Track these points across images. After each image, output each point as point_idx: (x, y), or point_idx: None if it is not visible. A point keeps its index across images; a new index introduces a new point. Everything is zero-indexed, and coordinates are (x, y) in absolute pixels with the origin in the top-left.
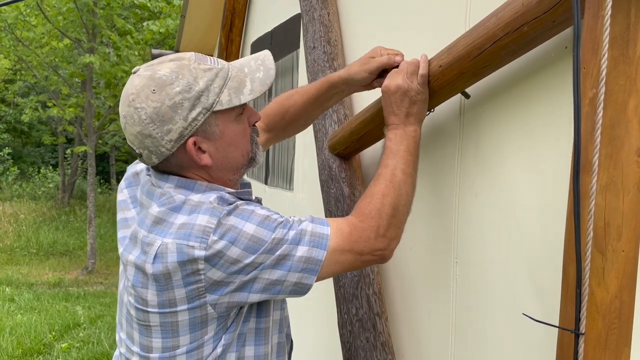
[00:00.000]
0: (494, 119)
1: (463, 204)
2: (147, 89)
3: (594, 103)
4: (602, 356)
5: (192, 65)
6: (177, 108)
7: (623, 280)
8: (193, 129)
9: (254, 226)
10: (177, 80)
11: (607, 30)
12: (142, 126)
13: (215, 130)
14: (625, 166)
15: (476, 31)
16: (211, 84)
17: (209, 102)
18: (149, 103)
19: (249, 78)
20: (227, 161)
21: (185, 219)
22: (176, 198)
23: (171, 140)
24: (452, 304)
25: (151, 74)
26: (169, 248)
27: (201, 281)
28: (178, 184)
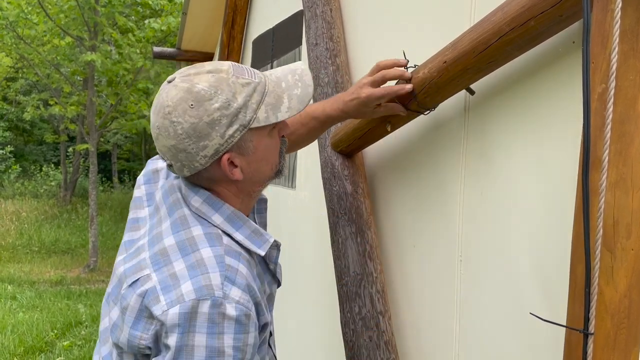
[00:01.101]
0: (500, 116)
1: (468, 202)
2: (185, 103)
3: (603, 98)
4: (610, 356)
5: (230, 79)
6: (215, 125)
7: (632, 279)
8: (229, 145)
9: (203, 343)
10: (216, 96)
11: (617, 24)
12: (177, 140)
13: (249, 145)
14: (635, 163)
15: (482, 26)
16: (249, 99)
17: (247, 119)
18: (186, 118)
19: (286, 94)
20: (257, 175)
21: (181, 270)
22: (191, 239)
23: (206, 156)
24: (456, 302)
25: (189, 87)
26: (147, 285)
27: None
28: (207, 200)
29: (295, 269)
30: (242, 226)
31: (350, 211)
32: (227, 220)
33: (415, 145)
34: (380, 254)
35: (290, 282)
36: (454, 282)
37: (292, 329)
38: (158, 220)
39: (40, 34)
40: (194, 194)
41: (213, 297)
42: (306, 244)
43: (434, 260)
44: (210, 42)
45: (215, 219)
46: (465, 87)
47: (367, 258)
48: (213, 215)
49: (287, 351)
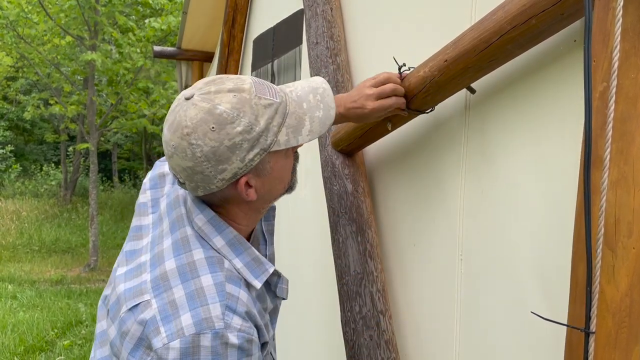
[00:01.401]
0: (501, 115)
1: (469, 201)
2: (206, 125)
3: (604, 97)
4: (612, 355)
5: (253, 100)
6: (236, 149)
7: (634, 278)
8: (248, 169)
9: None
10: (239, 119)
11: (619, 22)
12: (195, 163)
13: (267, 167)
14: (636, 161)
15: (483, 24)
16: (271, 122)
17: (267, 142)
18: (206, 141)
19: (308, 116)
20: (270, 194)
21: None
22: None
23: (224, 179)
24: (457, 301)
25: (210, 108)
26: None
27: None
28: (211, 220)
29: (296, 268)
30: (243, 252)
31: (350, 210)
32: (228, 244)
33: (415, 144)
34: (380, 253)
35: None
36: (455, 281)
37: (292, 328)
38: (160, 234)
39: (41, 34)
40: (199, 212)
41: (214, 330)
42: (307, 243)
43: (434, 259)
44: (211, 42)
45: (216, 242)
46: (466, 86)
47: (368, 257)
48: (215, 238)
49: (287, 351)
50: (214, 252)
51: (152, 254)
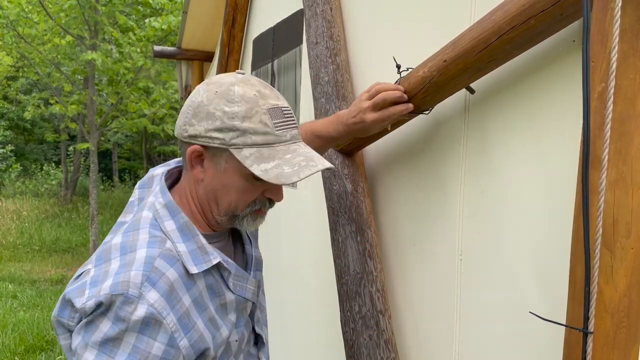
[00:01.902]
0: (500, 115)
1: (468, 200)
2: (216, 87)
3: (603, 97)
4: (610, 355)
5: (258, 109)
6: (209, 118)
7: (632, 278)
8: (203, 142)
9: (101, 337)
10: (233, 104)
11: (617, 23)
12: (189, 102)
13: (221, 162)
14: (635, 162)
15: (482, 25)
16: (251, 134)
17: (233, 141)
18: (203, 95)
19: (276, 162)
20: (213, 193)
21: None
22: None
23: (186, 131)
24: (456, 301)
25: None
26: (81, 278)
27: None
28: (168, 204)
29: (296, 268)
30: (190, 239)
31: (350, 210)
32: (178, 229)
33: (415, 144)
34: (380, 253)
35: (291, 281)
36: (454, 281)
37: (292, 328)
38: (125, 214)
39: (41, 33)
40: (161, 195)
41: (126, 294)
42: (307, 243)
43: (434, 259)
44: (211, 41)
45: (167, 225)
46: (465, 86)
47: (367, 257)
48: (167, 222)
49: (287, 350)
50: (161, 234)
51: (114, 231)
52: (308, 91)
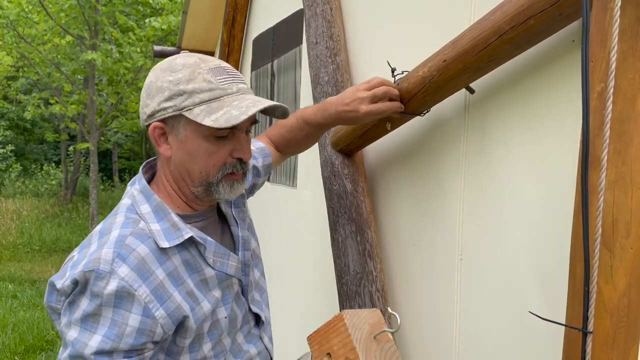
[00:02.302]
0: (500, 115)
1: (468, 200)
2: (163, 66)
3: (602, 97)
4: (610, 355)
5: (199, 70)
6: (159, 92)
7: (631, 278)
8: (160, 116)
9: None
10: (176, 73)
11: (617, 23)
12: (144, 86)
13: (181, 131)
14: (634, 162)
15: (481, 25)
16: (198, 93)
17: (183, 104)
18: (152, 75)
19: (226, 109)
20: (183, 166)
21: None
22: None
23: (145, 113)
24: (456, 301)
25: (175, 57)
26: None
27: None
28: (142, 189)
29: (296, 267)
30: (164, 218)
31: (350, 210)
32: (153, 211)
33: (415, 144)
34: (380, 253)
35: (291, 280)
36: (454, 281)
37: (292, 328)
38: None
39: (41, 33)
40: (137, 182)
41: (98, 270)
42: (307, 242)
43: (434, 259)
44: (211, 41)
45: (142, 209)
46: (465, 86)
47: (367, 257)
48: (142, 205)
49: (287, 349)
50: (135, 216)
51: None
52: (308, 91)
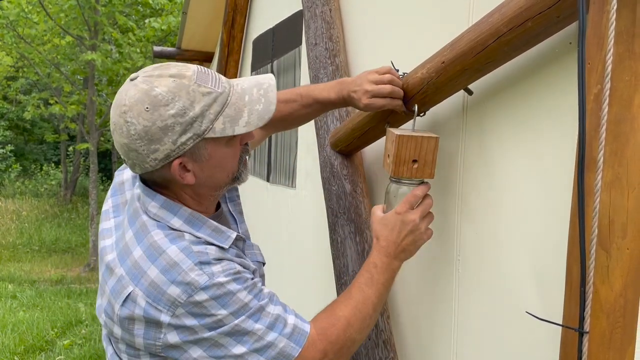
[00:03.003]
0: (497, 116)
1: (466, 201)
2: (141, 105)
3: (598, 99)
4: (606, 355)
5: (191, 87)
6: (168, 131)
7: (628, 279)
8: (181, 152)
9: (227, 313)
10: (173, 102)
11: (613, 26)
12: (130, 140)
13: (203, 153)
14: (630, 163)
15: (479, 27)
16: (207, 109)
17: (202, 128)
18: (140, 120)
19: (247, 109)
20: (210, 180)
21: (157, 276)
22: (154, 243)
23: (156, 159)
24: (454, 301)
25: (147, 90)
26: (138, 301)
27: (159, 340)
28: (164, 205)
29: (295, 268)
30: (202, 226)
31: (349, 210)
32: (185, 222)
33: None
34: None
35: (290, 280)
36: (452, 282)
37: None
38: (122, 232)
39: (41, 33)
40: (151, 199)
41: (201, 286)
42: (306, 243)
43: (432, 260)
44: (211, 42)
45: (174, 223)
46: (463, 87)
47: (366, 257)
48: (172, 220)
49: None
50: (173, 231)
51: (118, 250)
52: None
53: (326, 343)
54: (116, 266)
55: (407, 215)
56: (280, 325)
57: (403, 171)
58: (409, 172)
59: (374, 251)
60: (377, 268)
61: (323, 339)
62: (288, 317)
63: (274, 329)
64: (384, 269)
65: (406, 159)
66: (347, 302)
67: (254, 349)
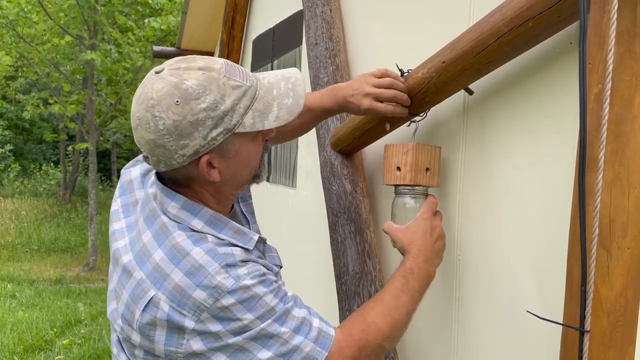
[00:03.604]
0: (498, 116)
1: (467, 201)
2: (170, 99)
3: (599, 99)
4: (606, 354)
5: (221, 80)
6: (199, 125)
7: (628, 278)
8: (210, 147)
9: (253, 317)
10: (204, 96)
11: (614, 25)
12: (157, 135)
13: (231, 149)
14: (631, 163)
15: (480, 27)
16: (237, 103)
17: (232, 123)
18: (169, 114)
19: (276, 103)
20: (234, 178)
21: (181, 279)
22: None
23: (184, 155)
24: (455, 301)
25: (177, 82)
26: (162, 306)
27: (182, 347)
28: (184, 206)
29: (295, 267)
30: (224, 228)
31: (349, 210)
32: (207, 224)
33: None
34: (379, 253)
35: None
36: (453, 281)
37: None
38: (137, 232)
39: (40, 33)
40: (170, 200)
41: (228, 290)
42: (306, 243)
43: None
44: (210, 42)
45: (195, 224)
46: (464, 87)
47: (366, 257)
48: (192, 221)
49: None
50: (195, 232)
51: (135, 252)
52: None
53: (355, 349)
54: (134, 269)
55: (434, 221)
56: (306, 328)
57: (420, 179)
58: (424, 180)
59: (409, 257)
60: (414, 274)
61: (352, 345)
62: (313, 320)
63: (299, 333)
64: (421, 276)
65: (421, 167)
66: (379, 308)
67: (279, 353)
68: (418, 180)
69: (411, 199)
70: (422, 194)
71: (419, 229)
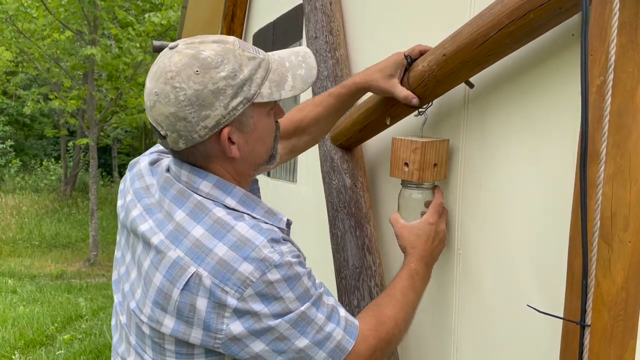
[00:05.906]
0: (499, 109)
1: (467, 195)
2: (190, 69)
3: (601, 91)
4: (607, 348)
5: (237, 51)
6: (220, 94)
7: (629, 272)
8: (231, 118)
9: (294, 297)
10: (223, 65)
11: (616, 16)
12: (178, 107)
13: (249, 121)
14: (632, 155)
15: (481, 18)
16: (254, 73)
17: (251, 92)
18: (190, 84)
19: (290, 73)
20: (252, 155)
21: (226, 253)
22: (219, 220)
23: (206, 127)
24: (455, 295)
25: (194, 53)
26: (203, 282)
27: (221, 332)
28: (217, 184)
29: None
30: (256, 207)
31: (349, 205)
32: (240, 202)
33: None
34: (379, 248)
35: None
36: (453, 276)
37: None
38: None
39: (40, 28)
40: (202, 179)
41: (275, 264)
42: (307, 237)
43: None
44: None
45: (229, 202)
46: (464, 80)
47: (366, 251)
48: (226, 199)
49: None
50: (232, 210)
51: (166, 232)
52: None
53: (377, 340)
54: (168, 249)
55: (440, 225)
56: (337, 316)
57: (427, 176)
58: (431, 176)
59: (412, 259)
60: (418, 275)
61: (375, 335)
62: (340, 309)
63: (331, 320)
64: (423, 277)
65: (429, 164)
66: (394, 304)
67: (315, 341)
68: (425, 178)
69: (418, 193)
70: (429, 188)
71: (423, 233)
